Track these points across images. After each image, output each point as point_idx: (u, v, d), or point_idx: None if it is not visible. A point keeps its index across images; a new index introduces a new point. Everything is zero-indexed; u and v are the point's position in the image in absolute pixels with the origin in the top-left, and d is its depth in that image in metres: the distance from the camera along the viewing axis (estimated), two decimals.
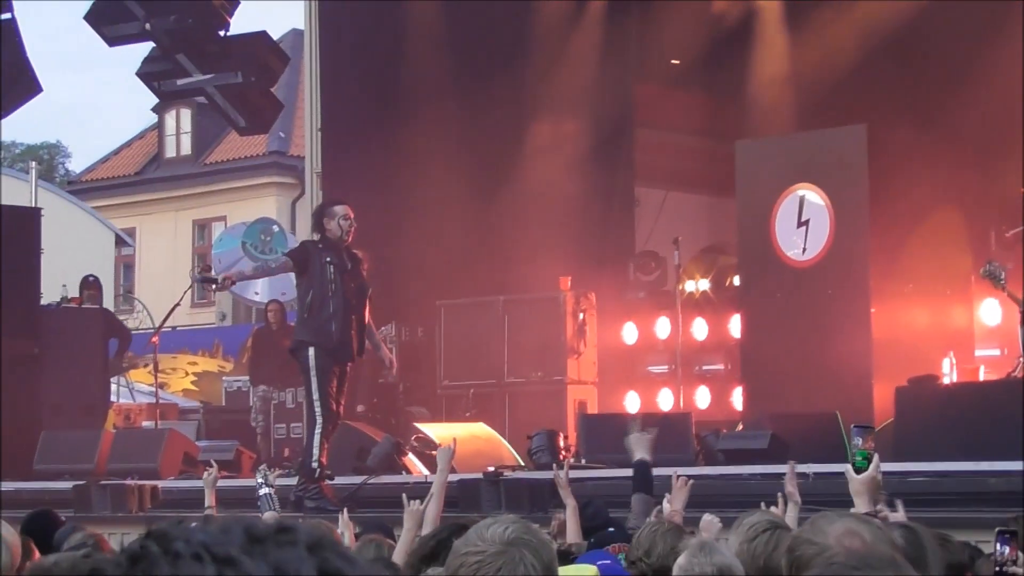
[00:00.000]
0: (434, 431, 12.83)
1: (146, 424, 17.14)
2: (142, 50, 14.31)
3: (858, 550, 3.10)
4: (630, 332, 15.94)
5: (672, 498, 6.74)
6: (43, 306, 15.37)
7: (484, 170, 15.84)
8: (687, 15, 16.23)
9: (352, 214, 11.19)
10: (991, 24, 13.54)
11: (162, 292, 26.13)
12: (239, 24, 15.75)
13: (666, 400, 15.43)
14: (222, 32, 13.99)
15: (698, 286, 15.75)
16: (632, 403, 15.62)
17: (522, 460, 12.56)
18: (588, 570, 4.59)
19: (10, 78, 14.35)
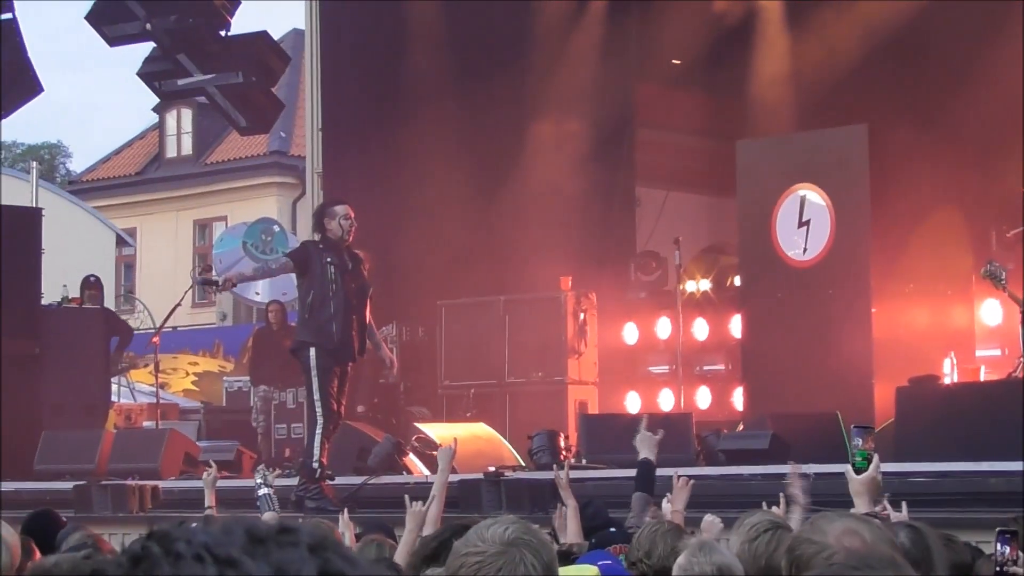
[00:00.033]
0: (435, 431, 12.83)
1: (147, 424, 17.14)
2: (143, 50, 14.34)
3: (858, 550, 3.10)
4: (631, 332, 15.94)
5: (673, 498, 6.73)
6: (44, 306, 15.36)
7: (485, 170, 15.83)
8: (688, 15, 16.22)
9: (353, 214, 11.18)
10: (992, 24, 13.54)
11: (163, 292, 26.14)
12: (240, 24, 15.77)
13: (667, 400, 15.43)
14: (223, 32, 14.00)
15: (699, 286, 15.74)
16: (633, 403, 15.62)
17: (523, 460, 12.56)
18: (589, 570, 4.59)
19: (11, 78, 14.35)
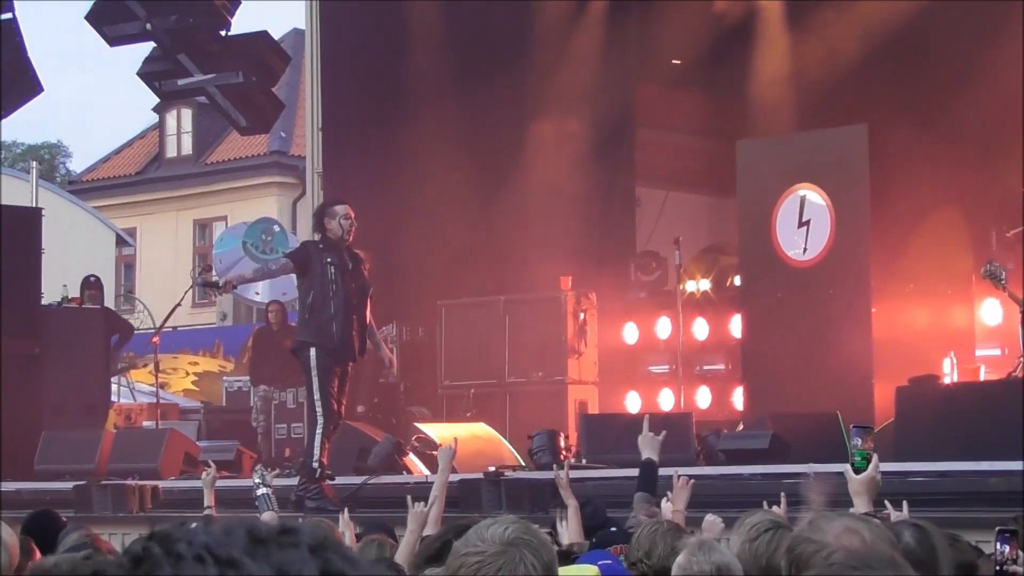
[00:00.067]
0: (435, 431, 12.83)
1: (147, 424, 17.14)
2: (143, 50, 14.34)
3: (857, 549, 3.10)
4: (631, 332, 15.95)
5: (673, 498, 6.73)
6: (44, 306, 15.36)
7: (485, 170, 15.84)
8: (688, 15, 16.22)
9: (353, 214, 11.18)
10: (992, 24, 13.54)
11: (163, 292, 26.14)
12: (240, 24, 15.74)
13: (667, 400, 15.43)
14: (223, 32, 14.00)
15: (699, 286, 15.74)
16: (633, 403, 15.62)
17: (523, 460, 12.56)
18: (589, 570, 4.58)
19: (11, 78, 14.35)
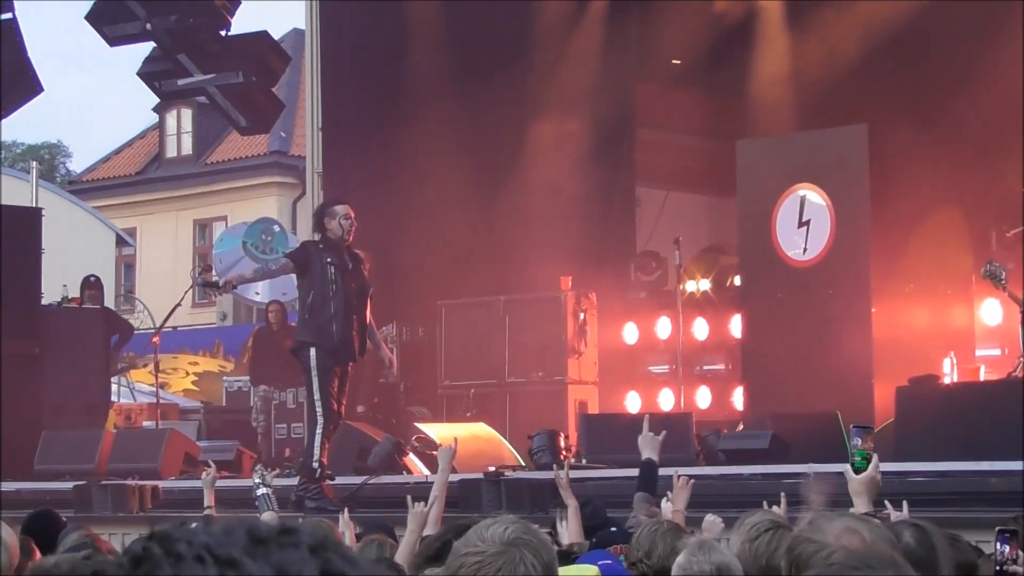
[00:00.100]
0: (435, 431, 12.83)
1: (147, 424, 17.14)
2: (143, 50, 14.34)
3: (857, 549, 3.10)
4: (631, 332, 15.95)
5: (674, 498, 6.73)
6: (44, 306, 15.36)
7: (485, 170, 15.84)
8: (688, 15, 16.22)
9: (353, 214, 11.18)
10: (992, 24, 13.54)
11: (163, 292, 26.14)
12: (240, 24, 15.74)
13: (667, 400, 15.43)
14: (223, 32, 14.00)
15: (699, 286, 15.74)
16: (633, 403, 15.62)
17: (523, 460, 12.56)
18: (589, 570, 4.58)
19: (11, 78, 14.35)
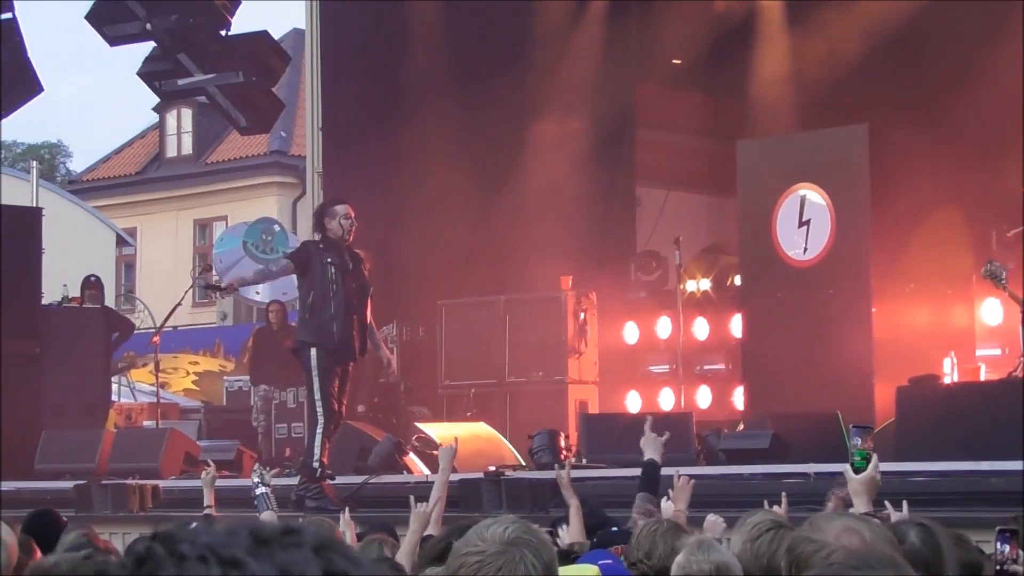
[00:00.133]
0: (435, 431, 12.83)
1: (147, 424, 17.14)
2: (143, 50, 14.34)
3: (857, 549, 3.10)
4: (631, 332, 15.94)
5: (675, 498, 6.73)
6: (44, 306, 15.37)
7: (485, 170, 15.83)
8: (688, 14, 16.23)
9: (353, 213, 11.19)
10: (992, 24, 13.54)
11: (163, 292, 26.15)
12: (240, 24, 15.75)
13: (667, 400, 15.42)
14: (223, 32, 14.01)
15: (699, 286, 15.74)
16: (633, 403, 15.62)
17: (523, 460, 12.56)
18: (589, 570, 4.59)
19: (11, 78, 14.35)
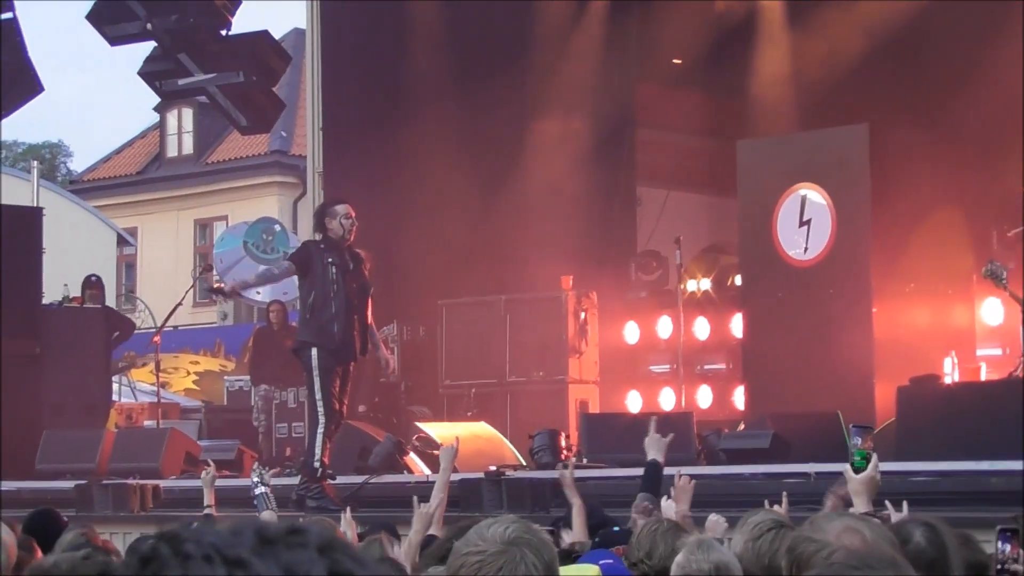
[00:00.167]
0: (435, 430, 12.83)
1: (148, 423, 17.13)
2: (144, 49, 14.35)
3: (858, 548, 3.10)
4: (632, 331, 15.94)
5: (677, 498, 6.73)
6: (45, 306, 15.36)
7: (485, 169, 15.84)
8: (689, 14, 16.23)
9: (354, 213, 11.18)
10: (992, 24, 13.55)
11: (164, 291, 26.17)
12: (241, 23, 15.79)
13: (668, 400, 15.42)
14: (224, 31, 14.01)
15: (700, 285, 15.74)
16: (634, 403, 15.62)
17: (524, 459, 12.56)
18: (590, 570, 4.59)
19: (11, 78, 14.36)
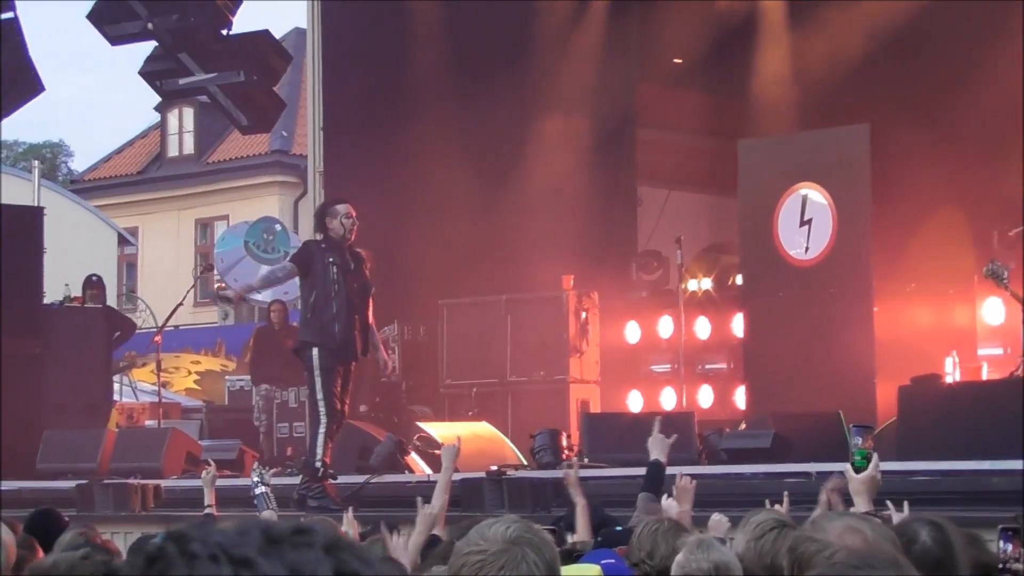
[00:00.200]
0: (437, 430, 12.83)
1: (149, 423, 17.15)
2: (145, 49, 14.36)
3: (859, 548, 3.11)
4: (633, 331, 15.94)
5: (678, 499, 6.74)
6: (46, 305, 15.37)
7: (486, 169, 15.83)
8: (690, 14, 16.22)
9: (354, 213, 11.19)
10: (993, 24, 13.55)
11: (165, 291, 26.18)
12: (241, 23, 15.79)
13: (669, 399, 15.42)
14: (224, 31, 14.02)
15: (701, 285, 15.73)
16: (635, 402, 15.62)
17: (525, 459, 12.56)
18: (591, 570, 4.59)
19: (12, 77, 14.36)
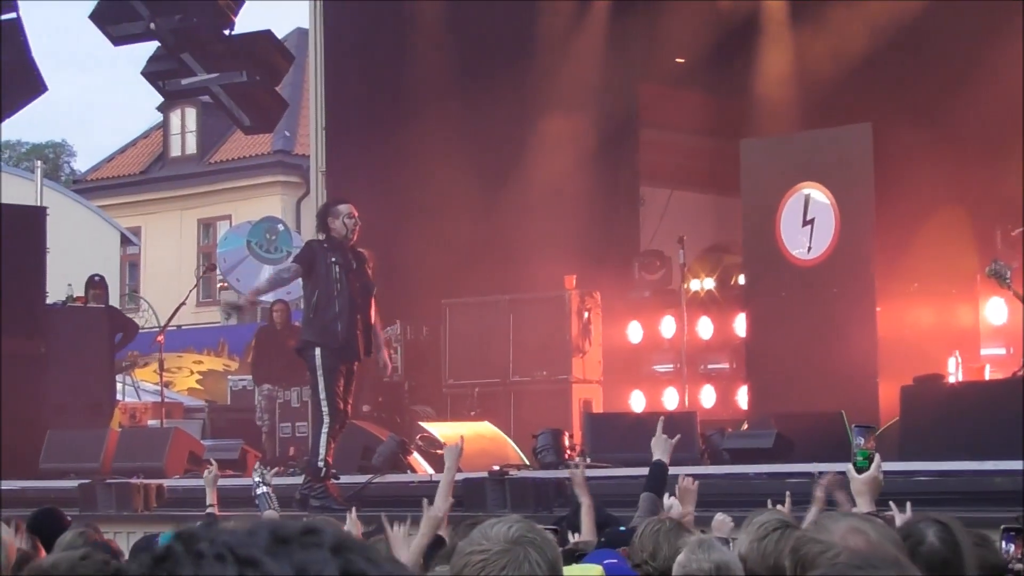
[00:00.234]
0: (439, 430, 12.84)
1: (151, 423, 17.15)
2: (147, 49, 14.36)
3: (862, 548, 3.11)
4: (635, 331, 15.94)
5: (681, 500, 6.74)
6: (49, 305, 15.39)
7: (488, 169, 15.83)
8: (692, 14, 16.21)
9: (356, 213, 11.20)
10: (995, 23, 13.54)
11: (167, 291, 26.19)
12: (244, 23, 15.74)
13: (671, 399, 15.41)
14: (227, 31, 14.03)
15: (703, 285, 15.73)
16: (637, 402, 15.61)
17: (527, 459, 12.57)
18: (593, 570, 4.59)
19: (14, 77, 14.37)
